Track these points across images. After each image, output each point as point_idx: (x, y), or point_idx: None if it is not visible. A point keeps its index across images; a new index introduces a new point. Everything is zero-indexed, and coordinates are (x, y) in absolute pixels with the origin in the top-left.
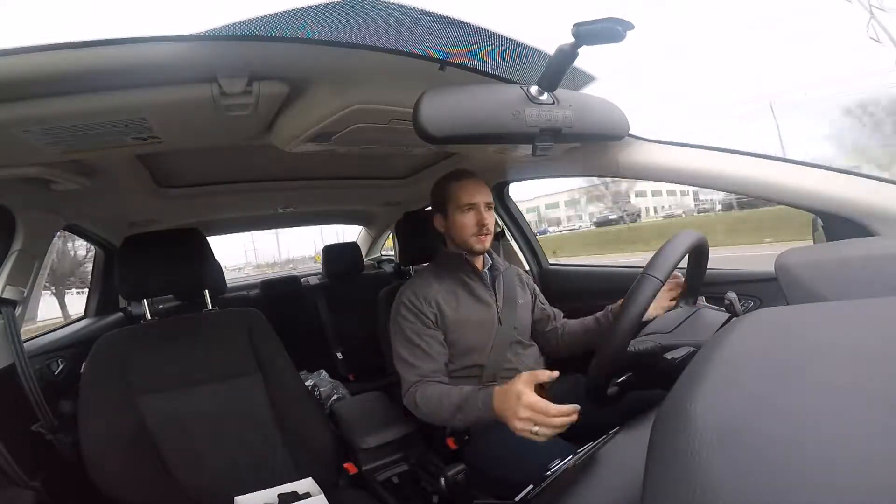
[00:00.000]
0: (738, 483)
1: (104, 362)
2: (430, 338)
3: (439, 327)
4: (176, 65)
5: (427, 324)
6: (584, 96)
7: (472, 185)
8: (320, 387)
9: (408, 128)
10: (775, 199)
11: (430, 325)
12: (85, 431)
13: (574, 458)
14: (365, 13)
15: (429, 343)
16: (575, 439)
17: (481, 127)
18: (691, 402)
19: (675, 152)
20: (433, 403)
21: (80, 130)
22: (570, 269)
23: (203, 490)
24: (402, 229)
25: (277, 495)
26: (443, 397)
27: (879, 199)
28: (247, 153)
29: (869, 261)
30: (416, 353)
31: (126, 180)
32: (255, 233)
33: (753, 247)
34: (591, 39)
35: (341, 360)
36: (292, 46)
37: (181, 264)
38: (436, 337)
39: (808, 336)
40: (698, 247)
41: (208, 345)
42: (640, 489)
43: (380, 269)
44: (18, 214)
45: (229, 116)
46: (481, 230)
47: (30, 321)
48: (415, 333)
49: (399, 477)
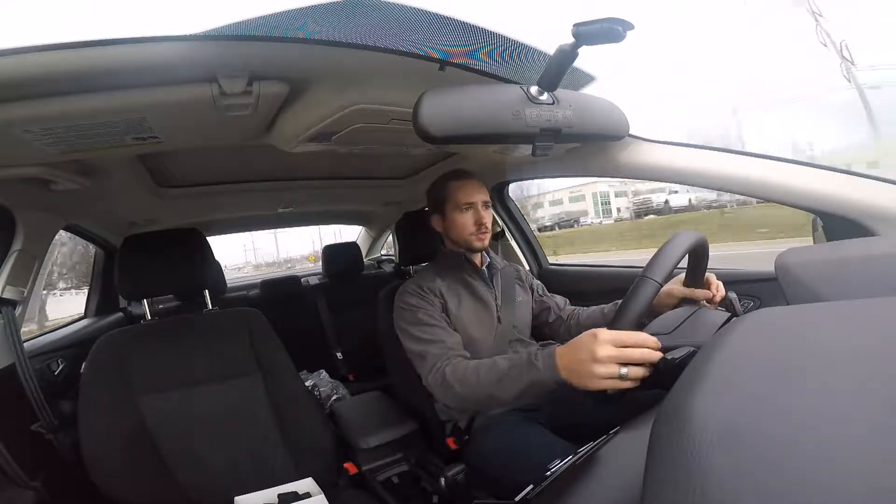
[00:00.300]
0: (738, 483)
1: (104, 362)
2: (442, 319)
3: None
4: (176, 65)
5: (436, 308)
6: (584, 96)
7: (470, 185)
8: (320, 387)
9: (408, 128)
10: (775, 200)
11: (439, 310)
12: (85, 431)
13: (574, 458)
14: (365, 13)
15: (442, 322)
16: (575, 439)
17: (481, 127)
18: (691, 402)
19: (675, 152)
20: (469, 377)
21: (80, 130)
22: (570, 269)
23: (203, 490)
24: (401, 229)
25: (277, 495)
26: (480, 367)
27: (879, 199)
28: (247, 153)
29: (869, 261)
30: (433, 332)
31: (126, 180)
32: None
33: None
34: (591, 39)
35: (341, 360)
36: (292, 46)
37: (181, 264)
38: (446, 319)
39: (808, 336)
40: (698, 247)
41: (208, 345)
42: (640, 489)
43: (380, 269)
44: (18, 214)
45: (229, 116)
46: (480, 228)
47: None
48: (427, 315)
49: (399, 477)
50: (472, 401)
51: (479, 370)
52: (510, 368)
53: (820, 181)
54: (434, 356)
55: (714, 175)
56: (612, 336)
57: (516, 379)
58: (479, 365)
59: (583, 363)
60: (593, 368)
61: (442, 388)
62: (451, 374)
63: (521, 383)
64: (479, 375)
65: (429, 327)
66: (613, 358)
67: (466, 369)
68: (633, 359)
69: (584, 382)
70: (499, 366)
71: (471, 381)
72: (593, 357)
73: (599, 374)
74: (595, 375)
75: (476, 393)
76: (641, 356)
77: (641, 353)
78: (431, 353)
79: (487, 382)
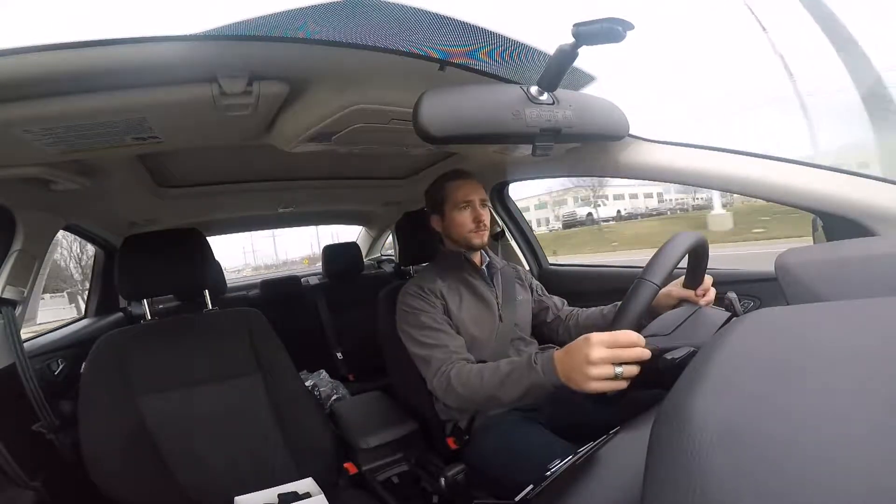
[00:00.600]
0: (737, 483)
1: (104, 362)
2: (444, 321)
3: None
4: (176, 65)
5: (438, 310)
6: (584, 96)
7: (467, 184)
8: (320, 387)
9: (408, 128)
10: (775, 199)
11: (441, 312)
12: (85, 431)
13: (574, 458)
14: (365, 13)
15: (444, 325)
16: (575, 439)
17: (481, 127)
18: (691, 402)
19: (675, 152)
20: (472, 380)
21: (80, 130)
22: (570, 269)
23: (203, 490)
24: (401, 229)
25: (277, 495)
26: (483, 371)
27: (879, 199)
28: (247, 153)
29: (869, 261)
30: (437, 336)
31: (126, 180)
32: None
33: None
34: (591, 39)
35: (341, 360)
36: (292, 46)
37: (181, 264)
38: (448, 321)
39: (808, 336)
40: (697, 247)
41: (208, 345)
42: (640, 489)
43: (380, 269)
44: (18, 214)
45: (229, 116)
46: (478, 226)
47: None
48: (429, 318)
49: (399, 477)
50: (475, 402)
51: (482, 373)
52: (511, 371)
53: (820, 181)
54: (438, 360)
55: (714, 175)
56: (603, 338)
57: (517, 382)
58: (483, 368)
59: (578, 367)
60: (588, 371)
61: (446, 392)
62: (455, 377)
63: (522, 386)
64: (482, 378)
65: (432, 331)
66: (607, 359)
67: (470, 373)
68: (625, 358)
69: (582, 385)
70: (501, 369)
71: (474, 385)
72: (587, 360)
73: (595, 376)
74: (591, 378)
75: (479, 395)
76: (633, 355)
77: (632, 352)
78: (436, 358)
79: (490, 385)
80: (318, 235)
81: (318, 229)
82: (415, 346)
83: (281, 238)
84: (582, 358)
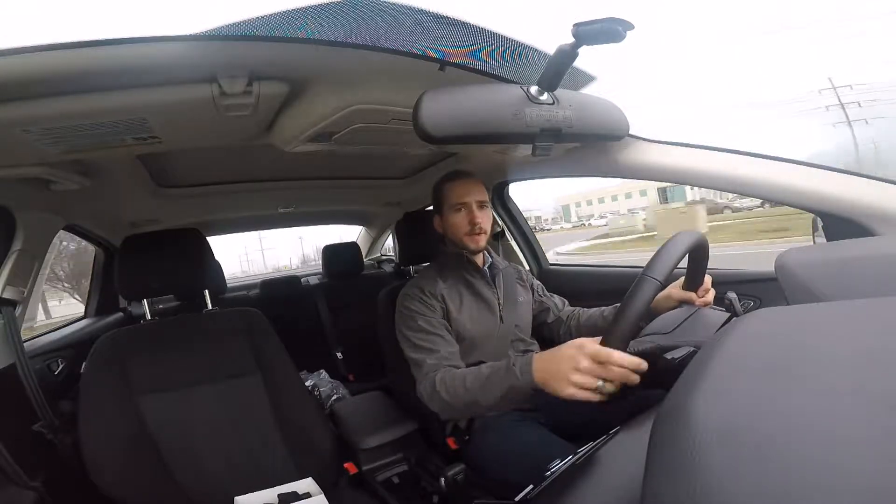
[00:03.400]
0: (737, 483)
1: (104, 362)
2: (441, 326)
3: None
4: (176, 65)
5: (436, 314)
6: (584, 96)
7: (463, 185)
8: (320, 387)
9: (408, 128)
10: (775, 199)
11: (439, 316)
12: (85, 431)
13: (574, 458)
14: (365, 13)
15: (441, 330)
16: (575, 439)
17: (481, 127)
18: (691, 402)
19: (675, 152)
20: (457, 385)
21: (80, 130)
22: (570, 269)
23: (203, 490)
24: (401, 229)
25: (277, 495)
26: (466, 376)
27: (879, 199)
28: (247, 153)
29: (869, 261)
30: (430, 339)
31: (126, 180)
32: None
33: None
34: (591, 39)
35: (341, 360)
36: (292, 46)
37: (181, 264)
38: (446, 326)
39: (807, 336)
40: (698, 246)
41: (208, 345)
42: (640, 489)
43: (380, 269)
44: (18, 214)
45: (229, 116)
46: (474, 229)
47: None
48: (426, 322)
49: (399, 477)
50: (457, 407)
51: (465, 378)
52: (491, 374)
53: (820, 181)
54: (428, 365)
55: (714, 175)
56: (599, 352)
57: (496, 385)
58: (467, 373)
59: (560, 370)
60: (572, 376)
61: (431, 397)
62: (440, 382)
63: (500, 389)
64: (465, 383)
65: (427, 335)
66: (595, 372)
67: (454, 378)
68: (611, 378)
69: (559, 389)
70: (482, 372)
71: (458, 390)
72: (576, 366)
73: (576, 382)
74: (572, 383)
75: (462, 400)
76: (620, 377)
77: (621, 373)
78: (427, 363)
79: (472, 389)
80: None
81: (302, 244)
82: (408, 349)
83: (270, 252)
84: (569, 362)
